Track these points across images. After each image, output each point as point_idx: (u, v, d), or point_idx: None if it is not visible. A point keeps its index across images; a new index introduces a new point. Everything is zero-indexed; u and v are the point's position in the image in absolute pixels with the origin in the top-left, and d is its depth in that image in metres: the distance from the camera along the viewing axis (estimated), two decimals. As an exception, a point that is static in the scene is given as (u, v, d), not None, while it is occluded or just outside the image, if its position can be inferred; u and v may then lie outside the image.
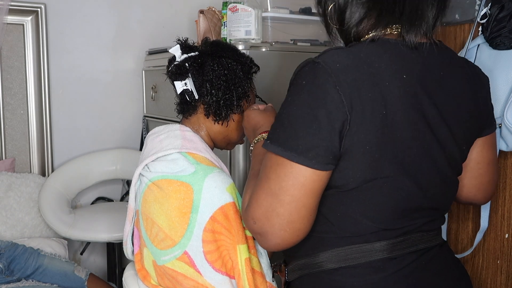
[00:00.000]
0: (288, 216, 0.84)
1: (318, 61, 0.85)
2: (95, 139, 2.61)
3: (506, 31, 1.25)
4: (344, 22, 0.93)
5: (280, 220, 0.84)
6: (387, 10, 0.90)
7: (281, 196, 0.83)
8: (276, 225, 0.84)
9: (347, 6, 0.92)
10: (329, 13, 0.96)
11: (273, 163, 0.85)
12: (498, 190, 1.37)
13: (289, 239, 0.85)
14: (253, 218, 0.86)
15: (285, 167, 0.83)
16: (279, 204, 0.83)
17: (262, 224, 0.85)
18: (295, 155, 0.82)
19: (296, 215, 0.84)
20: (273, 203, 0.84)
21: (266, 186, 0.85)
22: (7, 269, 1.89)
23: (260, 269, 1.19)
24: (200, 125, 1.29)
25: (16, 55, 2.37)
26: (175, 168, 1.17)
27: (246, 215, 0.88)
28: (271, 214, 0.84)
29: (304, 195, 0.84)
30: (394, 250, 0.91)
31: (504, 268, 1.38)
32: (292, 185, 0.83)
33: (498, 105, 1.27)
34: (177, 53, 1.27)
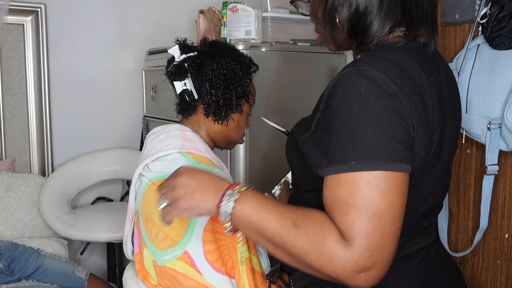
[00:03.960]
0: (399, 234, 0.75)
1: (365, 68, 0.79)
2: (95, 139, 2.61)
3: (506, 31, 1.25)
4: (364, 29, 0.88)
5: (395, 242, 0.74)
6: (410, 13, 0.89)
7: (394, 211, 0.73)
8: (392, 249, 0.74)
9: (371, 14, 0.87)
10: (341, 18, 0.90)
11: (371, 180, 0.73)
12: (498, 190, 1.37)
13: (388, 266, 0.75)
14: (370, 250, 0.71)
15: (388, 179, 0.73)
16: (392, 222, 0.73)
17: (380, 252, 0.72)
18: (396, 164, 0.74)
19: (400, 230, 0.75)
20: (387, 224, 0.73)
21: (371, 208, 0.72)
22: (7, 269, 1.89)
23: (260, 269, 1.19)
24: (200, 125, 1.29)
25: (16, 55, 2.38)
26: (175, 168, 1.17)
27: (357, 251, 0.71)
28: (387, 237, 0.73)
29: (405, 203, 0.76)
30: (404, 249, 0.91)
31: (504, 268, 1.38)
32: (399, 195, 0.74)
33: (498, 105, 1.27)
34: (176, 53, 1.27)
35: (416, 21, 0.89)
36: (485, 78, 1.31)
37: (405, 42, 0.88)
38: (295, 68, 1.94)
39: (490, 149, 1.29)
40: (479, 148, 1.41)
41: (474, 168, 1.44)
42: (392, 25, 0.88)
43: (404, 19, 0.88)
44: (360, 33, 0.89)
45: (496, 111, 1.28)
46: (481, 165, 1.41)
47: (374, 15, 0.87)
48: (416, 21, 0.89)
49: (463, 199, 1.47)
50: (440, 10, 1.48)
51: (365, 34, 0.89)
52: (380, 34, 0.88)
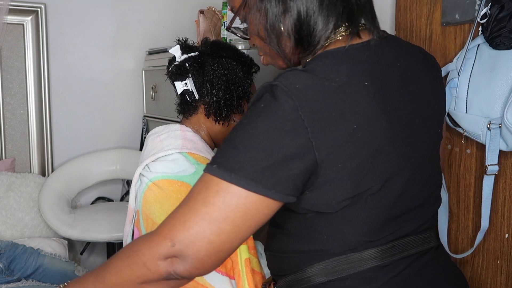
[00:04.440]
0: (220, 246, 0.76)
1: (275, 83, 0.77)
2: (95, 139, 2.61)
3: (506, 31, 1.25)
4: (308, 33, 0.86)
5: (209, 248, 0.75)
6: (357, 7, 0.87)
7: (222, 225, 0.74)
8: (203, 252, 0.75)
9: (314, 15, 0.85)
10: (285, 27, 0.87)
11: (221, 189, 0.75)
12: (498, 190, 1.37)
13: (208, 266, 0.78)
14: (173, 240, 0.75)
15: (237, 197, 0.74)
16: (215, 232, 0.75)
17: (184, 247, 0.75)
18: (252, 184, 0.73)
19: (228, 246, 0.77)
20: (207, 230, 0.75)
21: (203, 211, 0.75)
22: (7, 269, 1.89)
23: (260, 270, 1.19)
24: (201, 125, 1.29)
25: (16, 55, 2.38)
26: (175, 168, 1.17)
27: (163, 235, 0.77)
28: (201, 240, 0.75)
29: (248, 228, 0.76)
30: (384, 258, 0.86)
31: (504, 268, 1.38)
32: (240, 216, 0.75)
33: (498, 105, 1.27)
34: (177, 53, 1.27)
35: (355, 11, 0.87)
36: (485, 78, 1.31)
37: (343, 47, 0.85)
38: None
39: (490, 149, 1.29)
40: (479, 148, 1.41)
41: (474, 168, 1.44)
42: (336, 20, 0.85)
43: (345, 12, 0.86)
44: (306, 36, 0.87)
45: (496, 111, 1.27)
46: (481, 165, 1.41)
47: (317, 15, 0.85)
48: (355, 11, 0.87)
49: (463, 199, 1.47)
50: (440, 10, 1.48)
51: (311, 37, 0.86)
52: (326, 32, 0.86)
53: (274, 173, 0.74)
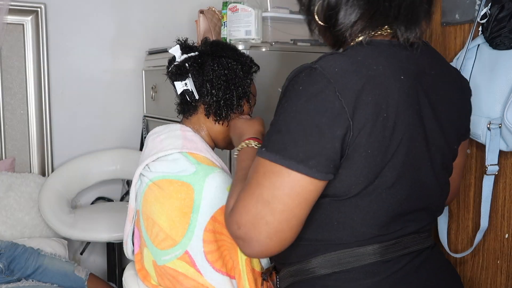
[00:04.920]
0: (277, 225, 0.80)
1: (315, 66, 0.82)
2: (95, 139, 2.61)
3: (506, 31, 1.25)
4: (335, 22, 0.90)
5: (268, 229, 0.80)
6: (382, 12, 0.88)
7: (274, 204, 0.80)
8: (263, 233, 0.81)
9: (341, 6, 0.88)
10: (316, 11, 0.92)
11: (267, 170, 0.81)
12: (498, 190, 1.37)
13: (273, 248, 0.82)
14: (238, 224, 0.82)
15: (281, 175, 0.80)
16: (269, 212, 0.80)
17: (248, 230, 0.81)
18: (293, 163, 0.79)
19: (285, 225, 0.81)
20: (263, 211, 0.80)
21: (257, 193, 0.81)
22: (7, 269, 1.89)
23: (260, 269, 1.19)
24: (201, 125, 1.29)
25: (16, 55, 2.37)
26: (176, 168, 1.17)
27: (230, 220, 0.85)
28: (259, 222, 0.81)
29: (298, 205, 0.81)
30: (387, 253, 0.90)
31: (504, 268, 1.38)
32: (287, 194, 0.80)
33: (498, 105, 1.27)
34: (177, 53, 1.27)
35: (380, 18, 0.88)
36: (485, 78, 1.31)
37: (379, 40, 0.88)
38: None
39: (490, 149, 1.30)
40: (479, 148, 1.41)
41: (474, 168, 1.44)
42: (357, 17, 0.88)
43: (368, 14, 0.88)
44: (332, 27, 0.91)
45: (496, 111, 1.28)
46: (481, 165, 1.41)
47: (341, 8, 0.89)
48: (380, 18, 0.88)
49: (463, 199, 1.47)
50: (440, 10, 1.48)
51: (335, 29, 0.90)
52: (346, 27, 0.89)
53: (315, 153, 0.79)
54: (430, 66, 0.93)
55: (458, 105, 0.99)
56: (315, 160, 0.79)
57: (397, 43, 0.90)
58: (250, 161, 0.96)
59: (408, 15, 0.89)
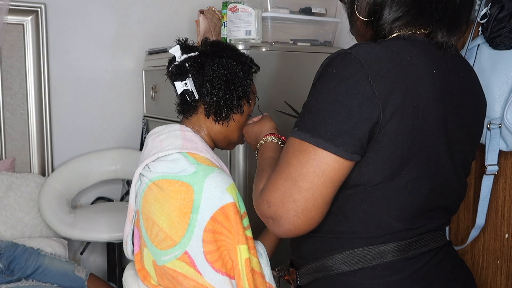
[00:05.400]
0: (304, 203, 0.83)
1: (350, 51, 0.85)
2: (95, 139, 2.61)
3: (506, 31, 1.25)
4: (379, 17, 0.92)
5: (295, 206, 0.83)
6: (427, 12, 0.91)
7: (300, 182, 0.83)
8: (291, 211, 0.83)
9: (387, 2, 0.91)
10: (357, 6, 0.96)
11: (296, 149, 0.84)
12: (498, 190, 1.37)
13: (301, 226, 0.85)
14: (268, 202, 0.86)
15: (308, 153, 0.83)
16: (296, 190, 0.83)
17: (277, 208, 0.84)
18: (321, 141, 0.81)
19: (311, 203, 0.83)
20: (290, 189, 0.83)
21: (285, 172, 0.85)
22: (7, 269, 1.89)
23: (260, 270, 1.19)
24: (201, 125, 1.29)
25: (16, 55, 2.38)
26: (175, 168, 1.17)
27: (261, 199, 0.88)
28: (287, 200, 0.84)
29: (323, 184, 0.83)
30: (410, 250, 0.91)
31: (504, 268, 1.38)
32: (312, 171, 0.82)
33: (498, 105, 1.27)
34: (177, 53, 1.27)
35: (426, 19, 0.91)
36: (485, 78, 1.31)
37: (415, 36, 0.91)
38: (295, 68, 1.94)
39: (490, 149, 1.30)
40: (479, 148, 1.41)
41: (474, 168, 1.44)
42: (400, 15, 0.91)
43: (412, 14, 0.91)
44: (375, 21, 0.94)
45: (496, 111, 1.28)
46: (481, 165, 1.41)
47: (387, 5, 0.91)
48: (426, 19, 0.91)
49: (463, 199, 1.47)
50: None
51: (378, 23, 0.93)
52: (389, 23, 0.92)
53: (343, 133, 0.81)
54: (459, 68, 0.96)
55: (479, 111, 1.01)
56: (342, 139, 0.81)
57: (431, 42, 0.92)
58: (272, 153, 1.02)
59: (453, 19, 0.92)
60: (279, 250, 1.34)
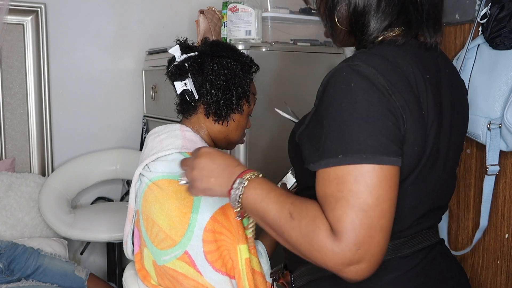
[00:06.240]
0: (389, 226, 0.75)
1: (357, 63, 0.81)
2: (95, 139, 2.61)
3: (506, 31, 1.25)
4: (365, 25, 0.90)
5: (384, 234, 0.74)
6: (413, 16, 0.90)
7: (382, 205, 0.74)
8: (381, 242, 0.74)
9: (370, 12, 0.88)
10: (339, 15, 0.92)
11: (358, 175, 0.74)
12: (498, 190, 1.37)
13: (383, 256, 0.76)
14: (357, 244, 0.72)
15: (375, 173, 0.74)
16: (381, 215, 0.74)
17: (368, 246, 0.73)
18: (377, 157, 0.74)
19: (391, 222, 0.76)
20: (375, 218, 0.73)
21: (357, 203, 0.73)
22: (7, 269, 1.89)
23: (260, 269, 1.19)
24: (201, 125, 1.29)
25: (16, 55, 2.38)
26: (175, 168, 1.17)
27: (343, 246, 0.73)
28: (375, 230, 0.73)
29: (396, 196, 0.77)
30: (404, 249, 0.91)
31: (504, 268, 1.38)
32: (387, 189, 0.75)
33: (498, 105, 1.27)
34: (176, 53, 1.27)
35: (414, 23, 0.90)
36: (485, 78, 1.31)
37: (403, 40, 0.89)
38: (295, 68, 1.94)
39: (491, 149, 1.30)
40: (479, 148, 1.41)
41: (474, 168, 1.44)
42: (389, 24, 0.89)
43: (400, 20, 0.90)
44: (358, 31, 0.91)
45: (496, 111, 1.28)
46: (481, 165, 1.41)
47: (371, 16, 0.89)
48: (414, 24, 0.90)
49: (463, 199, 1.47)
50: (440, 10, 1.48)
51: (362, 32, 0.91)
52: (377, 32, 0.90)
53: (390, 141, 0.77)
54: (445, 67, 0.96)
55: (463, 104, 1.02)
56: (392, 147, 0.77)
57: (420, 44, 0.91)
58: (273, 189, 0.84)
59: (436, 18, 0.92)
60: (279, 250, 1.34)
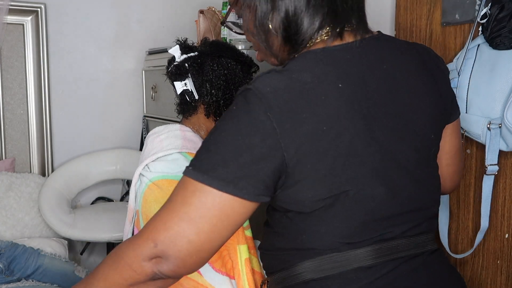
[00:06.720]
0: (200, 245, 0.78)
1: (249, 87, 0.80)
2: (95, 139, 2.61)
3: (506, 31, 1.25)
4: (297, 30, 0.87)
5: (190, 247, 0.78)
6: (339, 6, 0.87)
7: (200, 224, 0.77)
8: (184, 251, 0.78)
9: (301, 13, 0.86)
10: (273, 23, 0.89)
11: (197, 190, 0.78)
12: (498, 190, 1.37)
13: (191, 265, 0.80)
14: (155, 241, 0.78)
15: (212, 196, 0.77)
16: (194, 232, 0.77)
17: (166, 248, 0.78)
18: (223, 184, 0.76)
19: (208, 245, 0.79)
20: (186, 230, 0.77)
21: (182, 211, 0.78)
22: (7, 269, 1.89)
23: (260, 270, 1.19)
24: (201, 125, 1.29)
25: (16, 55, 2.38)
26: (175, 168, 1.17)
27: (145, 237, 0.79)
28: (181, 240, 0.77)
29: (226, 227, 0.79)
30: (370, 259, 0.86)
31: (504, 268, 1.38)
32: (216, 215, 0.77)
33: (498, 105, 1.27)
34: (176, 53, 1.27)
35: (340, 12, 0.87)
36: (485, 78, 1.31)
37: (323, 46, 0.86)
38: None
39: (490, 149, 1.29)
40: (479, 148, 1.41)
41: (474, 168, 1.44)
42: (321, 20, 0.87)
43: (330, 13, 0.87)
44: (294, 35, 0.88)
45: (496, 111, 1.28)
46: (481, 165, 1.41)
47: (303, 14, 0.87)
48: (340, 13, 0.87)
49: (463, 199, 1.47)
50: (440, 10, 1.48)
51: (297, 35, 0.88)
52: (311, 31, 0.87)
53: (245, 174, 0.77)
54: (381, 60, 0.89)
55: (428, 90, 0.93)
56: (245, 181, 0.76)
57: (336, 47, 0.87)
58: None
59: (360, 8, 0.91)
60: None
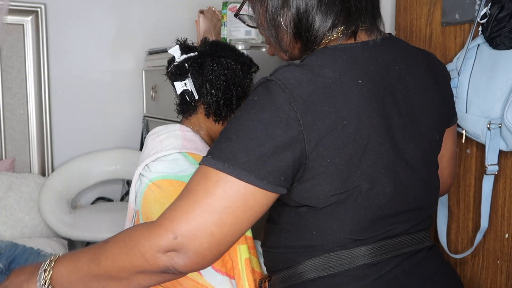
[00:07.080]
0: (222, 238, 0.76)
1: (271, 78, 0.80)
2: (95, 139, 2.61)
3: (506, 31, 1.25)
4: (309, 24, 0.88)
5: (211, 240, 0.75)
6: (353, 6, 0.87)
7: (224, 216, 0.75)
8: (205, 245, 0.75)
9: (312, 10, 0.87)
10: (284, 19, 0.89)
11: (220, 179, 0.75)
12: (498, 190, 1.37)
13: (210, 260, 0.78)
14: (175, 233, 0.75)
15: (237, 186, 0.75)
16: (217, 224, 0.75)
17: (186, 241, 0.75)
18: (244, 174, 0.75)
19: (228, 239, 0.77)
20: (209, 222, 0.75)
21: (205, 202, 0.75)
22: (7, 269, 1.89)
23: (260, 269, 1.19)
24: (201, 125, 1.29)
25: (16, 55, 2.38)
26: (175, 168, 1.17)
27: (165, 228, 0.76)
28: (203, 233, 0.75)
29: (248, 219, 0.77)
30: (375, 256, 0.87)
31: (504, 268, 1.38)
32: (240, 206, 0.75)
33: (498, 105, 1.27)
34: (176, 53, 1.27)
35: (353, 12, 0.88)
36: (485, 78, 1.31)
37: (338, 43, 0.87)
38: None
39: (490, 149, 1.30)
40: (479, 148, 1.41)
41: (474, 168, 1.44)
42: (334, 18, 0.87)
43: (343, 12, 0.87)
44: (304, 32, 0.89)
45: (496, 111, 1.28)
46: (481, 165, 1.41)
47: (315, 11, 0.87)
48: (353, 12, 0.88)
49: (463, 199, 1.47)
50: (440, 10, 1.48)
51: (309, 32, 0.88)
52: (323, 29, 0.87)
53: (266, 163, 0.76)
54: (395, 61, 0.90)
55: (434, 93, 0.95)
56: (265, 169, 0.75)
57: (353, 45, 0.88)
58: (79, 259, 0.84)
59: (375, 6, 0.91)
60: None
